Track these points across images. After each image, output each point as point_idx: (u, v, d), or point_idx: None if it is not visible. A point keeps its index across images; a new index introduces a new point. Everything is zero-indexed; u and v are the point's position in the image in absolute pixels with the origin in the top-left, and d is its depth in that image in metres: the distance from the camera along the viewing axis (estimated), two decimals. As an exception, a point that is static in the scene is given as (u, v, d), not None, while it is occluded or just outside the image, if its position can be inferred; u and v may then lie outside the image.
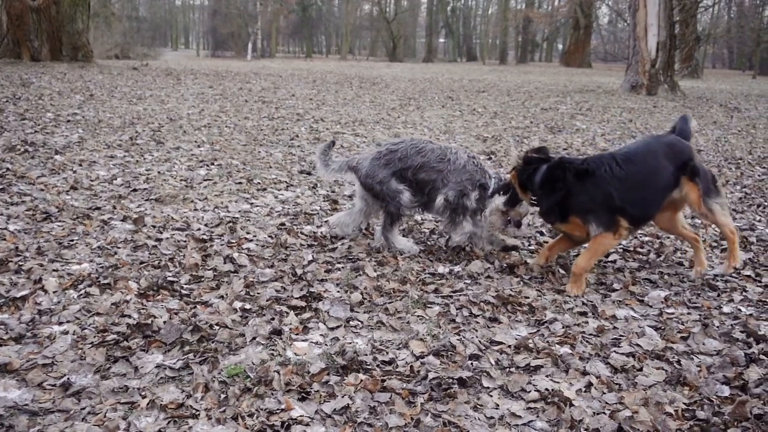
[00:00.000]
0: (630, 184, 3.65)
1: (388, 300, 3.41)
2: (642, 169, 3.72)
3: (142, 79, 16.10)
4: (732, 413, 2.38)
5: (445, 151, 4.22)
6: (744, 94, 21.62)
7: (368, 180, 4.20)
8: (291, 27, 67.03)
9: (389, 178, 4.16)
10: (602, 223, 3.63)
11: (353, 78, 21.97)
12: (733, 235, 3.95)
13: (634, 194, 3.67)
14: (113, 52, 31.79)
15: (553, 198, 3.74)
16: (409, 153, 4.18)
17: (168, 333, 2.87)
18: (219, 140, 7.92)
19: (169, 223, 4.52)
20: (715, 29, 49.24)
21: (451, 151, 4.24)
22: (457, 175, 4.16)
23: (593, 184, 3.66)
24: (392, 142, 4.34)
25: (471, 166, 4.20)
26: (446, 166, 4.17)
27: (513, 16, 56.02)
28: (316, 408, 2.38)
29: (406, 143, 4.25)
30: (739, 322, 3.26)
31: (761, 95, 21.07)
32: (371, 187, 4.21)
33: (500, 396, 2.53)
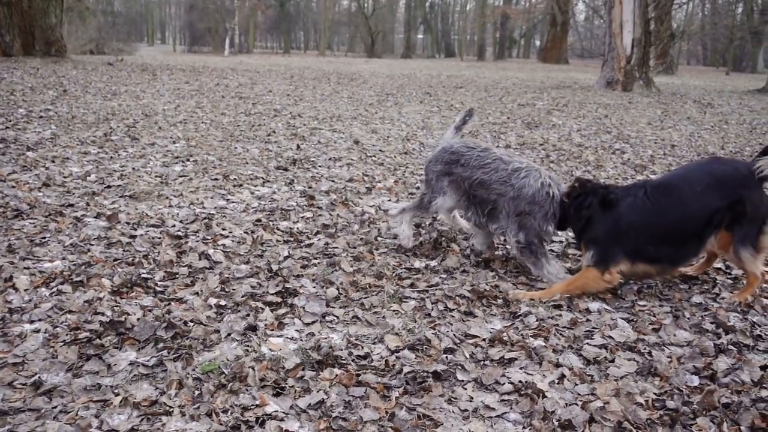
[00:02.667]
0: (653, 218, 3.40)
1: (364, 295, 3.41)
2: (674, 203, 3.42)
3: (117, 75, 15.89)
4: (701, 402, 2.43)
5: (511, 174, 3.79)
6: (717, 90, 21.96)
7: (428, 165, 4.18)
8: (269, 22, 66.60)
9: (443, 176, 4.05)
10: (595, 256, 3.45)
11: (331, 74, 21.91)
12: (756, 280, 3.50)
13: (656, 230, 3.41)
14: (88, 47, 31.29)
15: (578, 225, 3.61)
16: (471, 163, 3.92)
17: (142, 330, 2.84)
18: (195, 136, 7.85)
19: (143, 220, 4.47)
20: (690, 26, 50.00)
21: (519, 174, 3.78)
22: (522, 205, 3.74)
23: (608, 214, 3.46)
24: (464, 143, 4.11)
25: (541, 196, 3.72)
26: (509, 191, 3.78)
27: (491, 12, 56.27)
28: (291, 403, 2.38)
29: (473, 152, 3.97)
30: (709, 313, 3.32)
31: (734, 91, 21.42)
32: (426, 173, 4.19)
33: (474, 389, 2.55)
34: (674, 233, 3.42)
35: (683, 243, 3.45)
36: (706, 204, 3.39)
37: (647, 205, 3.42)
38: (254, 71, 21.27)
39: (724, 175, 3.44)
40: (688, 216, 3.41)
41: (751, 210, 3.36)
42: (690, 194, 3.42)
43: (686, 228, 3.43)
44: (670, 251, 3.45)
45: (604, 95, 16.64)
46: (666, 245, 3.43)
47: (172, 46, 67.72)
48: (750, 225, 3.38)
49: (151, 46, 63.50)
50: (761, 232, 3.39)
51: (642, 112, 13.09)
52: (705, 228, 3.42)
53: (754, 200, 3.38)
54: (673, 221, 3.41)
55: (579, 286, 3.50)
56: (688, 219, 3.41)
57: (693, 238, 3.45)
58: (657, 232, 3.42)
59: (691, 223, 3.41)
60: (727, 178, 3.42)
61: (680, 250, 3.47)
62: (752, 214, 3.36)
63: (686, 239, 3.45)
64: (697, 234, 3.44)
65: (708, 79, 32.46)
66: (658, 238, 3.42)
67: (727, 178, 3.42)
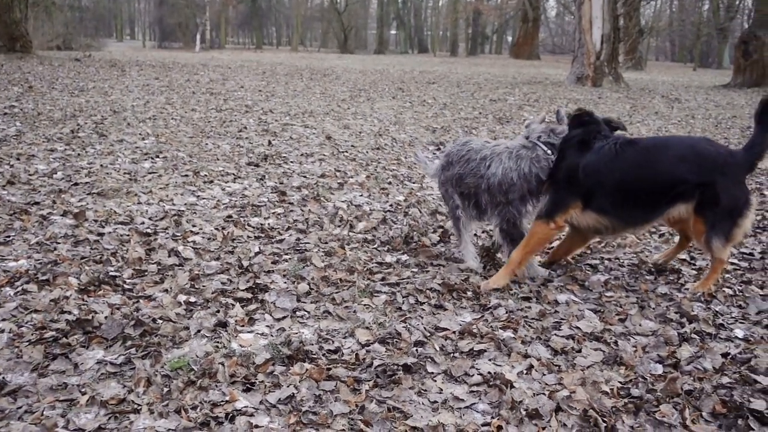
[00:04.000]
0: (614, 167, 3.37)
1: (335, 290, 3.42)
2: (640, 159, 3.39)
3: (84, 71, 15.62)
4: (664, 390, 2.49)
5: (479, 164, 3.71)
6: (685, 85, 22.35)
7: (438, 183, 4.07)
8: (240, 18, 65.89)
9: (445, 184, 3.95)
10: (546, 205, 3.50)
11: (304, 69, 21.81)
12: (721, 265, 3.53)
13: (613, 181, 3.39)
14: (54, 43, 30.64)
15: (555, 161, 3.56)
16: (454, 160, 3.86)
17: (109, 328, 2.81)
18: (165, 132, 7.76)
19: (111, 218, 4.42)
20: (658, 22, 50.74)
21: (486, 163, 3.68)
22: (497, 196, 3.66)
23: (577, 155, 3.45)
24: (453, 141, 4.01)
25: (507, 183, 3.60)
26: (481, 182, 3.70)
27: (463, 8, 56.38)
28: (261, 398, 2.38)
29: (455, 147, 3.91)
30: (674, 303, 3.39)
31: (700, 87, 21.82)
32: (440, 189, 4.06)
33: (444, 380, 2.57)
34: (631, 190, 3.40)
35: (637, 203, 3.43)
36: (672, 171, 3.34)
37: (612, 153, 3.38)
38: (226, 67, 21.07)
39: (703, 154, 3.35)
40: (649, 177, 3.37)
41: (725, 200, 3.30)
42: (659, 157, 3.39)
43: (644, 188, 3.39)
44: (622, 208, 3.44)
45: (574, 90, 16.83)
46: (620, 200, 3.42)
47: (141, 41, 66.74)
48: (724, 216, 3.33)
49: (120, 42, 62.40)
50: (736, 225, 3.35)
51: (611, 107, 13.27)
52: (663, 195, 3.38)
53: (729, 190, 3.31)
54: (632, 176, 3.38)
55: (533, 245, 3.53)
56: (648, 180, 3.38)
57: (649, 201, 3.42)
58: (614, 182, 3.39)
59: (650, 185, 3.38)
60: (707, 157, 3.33)
61: (633, 210, 3.46)
62: (727, 205, 3.31)
63: (642, 200, 3.42)
64: (654, 199, 3.41)
65: (676, 74, 33.01)
66: (613, 190, 3.41)
67: (707, 157, 3.33)
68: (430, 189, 5.84)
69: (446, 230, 4.55)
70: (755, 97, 17.46)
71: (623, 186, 3.41)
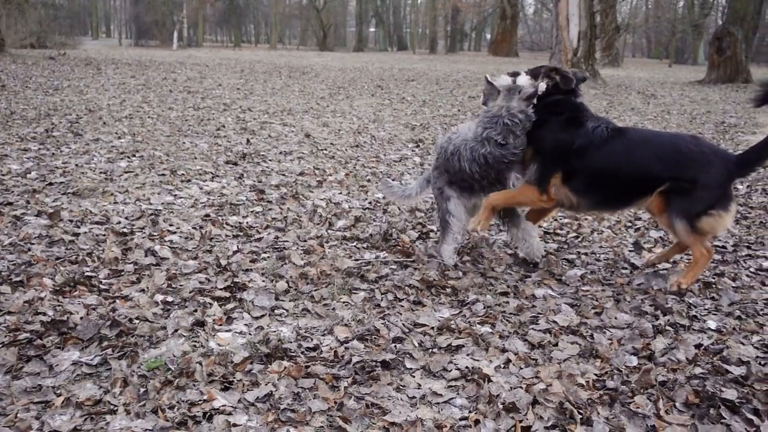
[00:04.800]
0: (599, 151, 3.44)
1: (314, 288, 3.41)
2: (621, 151, 3.45)
3: (59, 69, 15.41)
4: (638, 381, 2.53)
5: (445, 150, 3.79)
6: (660, 81, 22.63)
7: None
8: (218, 15, 65.37)
9: (443, 185, 3.90)
10: (537, 172, 3.52)
11: (282, 67, 21.72)
12: (702, 257, 3.45)
13: (595, 165, 3.46)
14: (28, 41, 30.07)
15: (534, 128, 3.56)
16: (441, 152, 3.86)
17: (85, 329, 2.78)
18: (141, 131, 7.69)
19: (87, 217, 4.37)
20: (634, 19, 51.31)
21: (448, 149, 3.77)
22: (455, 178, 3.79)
23: (567, 132, 3.50)
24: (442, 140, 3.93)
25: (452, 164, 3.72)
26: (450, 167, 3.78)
27: (442, 5, 56.45)
28: (239, 397, 2.37)
29: (442, 139, 3.90)
30: (649, 296, 3.44)
31: (676, 83, 22.11)
32: (434, 191, 4.01)
33: (422, 376, 2.59)
34: (607, 178, 3.48)
35: (609, 192, 3.52)
36: (646, 168, 3.41)
37: (602, 139, 3.44)
38: (203, 65, 20.91)
39: (683, 152, 3.38)
40: (625, 170, 3.44)
41: (697, 191, 3.31)
42: (639, 152, 3.44)
43: (618, 179, 3.47)
44: (595, 192, 3.54)
45: (552, 87, 16.92)
46: (595, 185, 3.51)
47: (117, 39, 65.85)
48: (692, 202, 3.33)
49: (95, 40, 61.58)
50: (704, 213, 3.32)
51: (588, 103, 13.33)
52: (633, 189, 3.47)
53: (704, 186, 3.31)
54: (612, 166, 3.45)
55: (515, 199, 3.63)
56: (623, 172, 3.45)
57: (619, 192, 3.51)
58: (596, 168, 3.47)
59: (624, 177, 3.45)
60: (685, 155, 3.37)
61: (604, 196, 3.55)
62: (697, 195, 3.32)
63: (613, 190, 3.51)
64: (623, 191, 3.50)
65: (652, 70, 33.39)
66: (593, 175, 3.48)
67: (685, 155, 3.37)
68: (409, 186, 5.85)
69: (425, 227, 4.56)
70: (729, 93, 17.76)
71: (602, 173, 3.50)
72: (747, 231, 4.78)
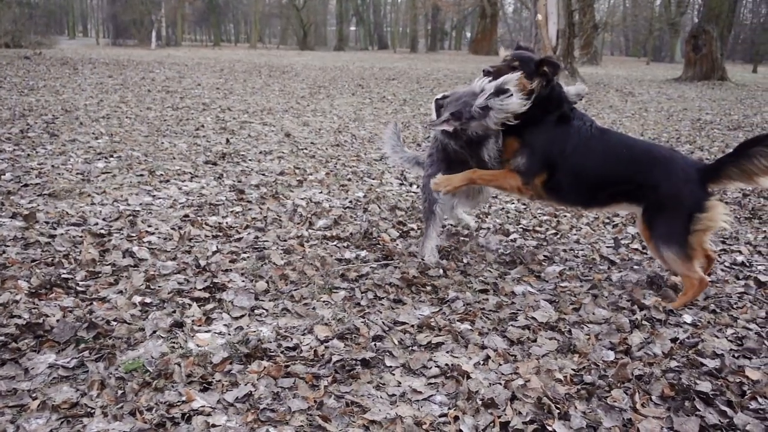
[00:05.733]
0: (586, 158, 3.45)
1: (294, 287, 3.41)
2: (601, 152, 3.46)
3: (34, 69, 15.20)
4: (615, 375, 2.56)
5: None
6: (638, 79, 22.88)
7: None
8: (197, 14, 64.84)
9: (434, 173, 3.89)
10: (526, 165, 3.51)
11: (262, 67, 21.62)
12: (692, 288, 3.27)
13: (577, 168, 3.47)
14: (3, 40, 29.59)
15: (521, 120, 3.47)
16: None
17: (61, 332, 2.75)
18: (119, 132, 7.61)
19: (63, 219, 4.31)
20: (612, 18, 51.76)
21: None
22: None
23: (558, 128, 3.50)
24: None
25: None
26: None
27: (422, 4, 56.54)
28: (219, 397, 2.36)
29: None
30: (625, 291, 3.48)
31: (653, 80, 22.37)
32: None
33: (402, 374, 2.60)
34: (584, 177, 3.50)
35: (582, 190, 3.54)
36: (619, 170, 3.41)
37: (587, 140, 3.46)
38: (182, 64, 20.75)
39: (655, 156, 3.38)
40: (600, 171, 3.47)
41: (670, 204, 3.25)
42: (615, 154, 3.44)
43: (592, 180, 3.49)
44: (571, 191, 3.56)
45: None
46: (573, 184, 3.53)
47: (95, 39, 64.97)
48: (671, 220, 3.24)
49: (72, 40, 60.76)
50: (687, 231, 3.19)
51: (567, 101, 13.47)
52: (604, 190, 3.48)
53: (675, 195, 3.25)
54: (590, 167, 3.47)
55: (496, 181, 3.60)
56: (598, 174, 3.47)
57: (592, 192, 3.52)
58: (578, 168, 3.49)
59: (596, 179, 3.48)
60: (656, 159, 3.36)
61: (578, 195, 3.57)
62: (672, 209, 3.24)
63: (587, 189, 3.52)
64: (596, 192, 3.51)
65: (630, 68, 33.75)
66: (574, 174, 3.50)
67: (656, 159, 3.36)
68: (390, 185, 5.87)
69: (405, 225, 4.57)
70: (705, 90, 18.01)
71: (581, 173, 3.51)
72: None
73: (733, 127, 10.34)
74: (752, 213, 5.22)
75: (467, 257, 3.98)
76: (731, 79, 21.91)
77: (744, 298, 3.46)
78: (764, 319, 3.19)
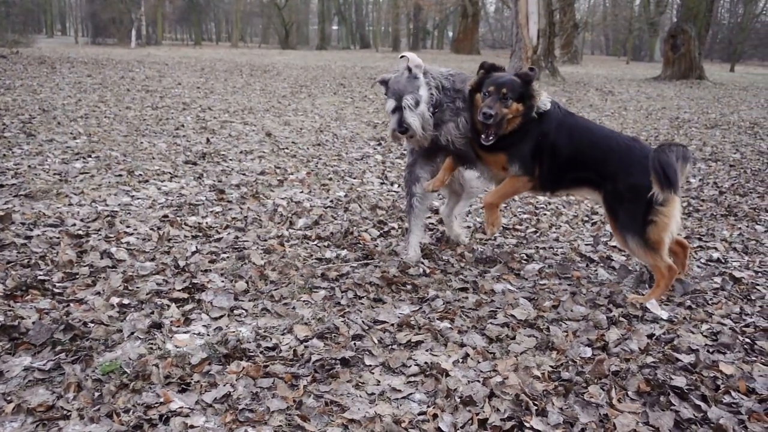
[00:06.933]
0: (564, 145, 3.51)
1: (273, 287, 3.40)
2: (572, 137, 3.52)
3: (11, 68, 14.99)
4: (592, 372, 2.59)
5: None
6: (618, 78, 23.09)
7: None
8: (178, 13, 64.22)
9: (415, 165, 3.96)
10: (523, 167, 3.54)
11: (244, 66, 21.51)
12: (663, 278, 3.36)
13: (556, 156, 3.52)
14: (-22, 39, 29.18)
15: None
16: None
17: (37, 334, 2.72)
18: (97, 131, 7.53)
19: (40, 220, 4.26)
20: (592, 17, 52.21)
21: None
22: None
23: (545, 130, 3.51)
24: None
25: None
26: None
27: (404, 3, 56.53)
28: (197, 398, 2.35)
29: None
30: (603, 288, 3.52)
31: (633, 79, 22.59)
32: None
33: (382, 372, 2.60)
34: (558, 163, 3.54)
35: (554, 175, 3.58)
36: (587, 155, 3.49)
37: (564, 129, 3.53)
38: (162, 64, 20.57)
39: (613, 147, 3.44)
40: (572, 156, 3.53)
41: (629, 195, 3.32)
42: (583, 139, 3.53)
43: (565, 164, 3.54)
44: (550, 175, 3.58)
45: (513, 84, 17.13)
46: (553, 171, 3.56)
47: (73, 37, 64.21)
48: (631, 211, 3.32)
49: (50, 38, 59.96)
50: (647, 221, 3.27)
51: (548, 100, 13.56)
52: (569, 173, 3.56)
53: (632, 186, 3.31)
54: (564, 153, 3.52)
55: (509, 193, 3.71)
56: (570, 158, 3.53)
57: (558, 175, 3.58)
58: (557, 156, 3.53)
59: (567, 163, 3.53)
60: (614, 149, 3.42)
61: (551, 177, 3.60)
62: (630, 199, 3.32)
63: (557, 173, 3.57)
64: (562, 175, 3.58)
65: (610, 68, 34.06)
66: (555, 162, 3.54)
67: (614, 149, 3.42)
68: (371, 184, 5.87)
69: (386, 224, 4.58)
70: (683, 89, 18.23)
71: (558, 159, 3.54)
72: (699, 223, 4.92)
73: (710, 126, 10.48)
74: (728, 210, 5.30)
75: (447, 255, 4.00)
76: (709, 78, 22.20)
77: (719, 294, 3.51)
78: (738, 314, 3.24)
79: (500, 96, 3.41)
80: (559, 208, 5.34)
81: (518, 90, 3.43)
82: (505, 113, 3.41)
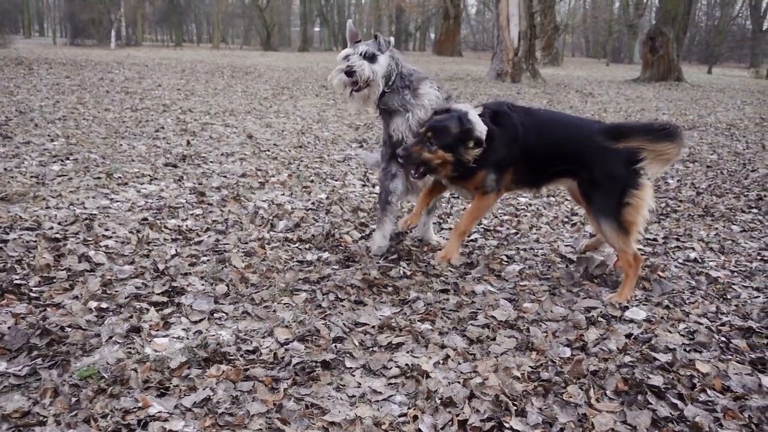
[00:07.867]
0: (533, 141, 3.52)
1: (254, 290, 3.38)
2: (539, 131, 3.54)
3: (-13, 70, 14.77)
4: (571, 371, 2.61)
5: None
6: (598, 80, 23.31)
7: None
8: (158, 14, 63.66)
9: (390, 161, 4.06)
10: (492, 183, 3.57)
11: (225, 67, 21.40)
12: (630, 268, 3.42)
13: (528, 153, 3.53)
14: (-46, 39, 28.76)
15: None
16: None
17: (13, 339, 2.68)
18: (75, 133, 7.44)
19: (16, 223, 4.20)
20: (573, 19, 52.69)
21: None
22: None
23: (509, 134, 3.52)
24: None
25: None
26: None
27: (386, 5, 56.61)
28: (176, 402, 2.33)
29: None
30: (582, 288, 3.55)
31: (612, 81, 22.82)
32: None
33: (362, 375, 2.60)
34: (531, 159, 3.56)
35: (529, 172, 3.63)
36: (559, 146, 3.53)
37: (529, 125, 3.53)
38: (142, 65, 20.40)
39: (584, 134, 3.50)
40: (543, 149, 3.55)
41: (604, 180, 3.40)
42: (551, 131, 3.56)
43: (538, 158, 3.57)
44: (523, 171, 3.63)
45: (494, 86, 17.26)
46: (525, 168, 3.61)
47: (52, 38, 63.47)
48: (606, 194, 3.39)
49: (28, 39, 59.13)
50: (621, 203, 3.35)
51: (529, 102, 13.68)
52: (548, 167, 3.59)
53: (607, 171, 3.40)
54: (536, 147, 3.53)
55: (479, 215, 3.77)
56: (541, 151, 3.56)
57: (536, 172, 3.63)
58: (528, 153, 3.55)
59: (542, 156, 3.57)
60: (587, 137, 3.47)
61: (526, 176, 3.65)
62: (606, 183, 3.39)
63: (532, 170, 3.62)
64: (540, 169, 3.62)
65: (590, 70, 34.37)
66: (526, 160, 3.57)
67: (587, 137, 3.47)
68: (353, 186, 5.87)
69: (367, 227, 4.58)
70: (662, 91, 18.45)
71: (530, 155, 3.57)
72: (676, 224, 4.98)
73: (688, 127, 10.61)
74: (705, 210, 5.37)
75: (428, 257, 4.01)
76: (687, 80, 22.50)
77: (696, 294, 3.56)
78: (714, 313, 3.29)
79: (425, 139, 3.45)
80: (540, 209, 5.38)
81: (448, 138, 3.40)
82: (427, 158, 3.44)
